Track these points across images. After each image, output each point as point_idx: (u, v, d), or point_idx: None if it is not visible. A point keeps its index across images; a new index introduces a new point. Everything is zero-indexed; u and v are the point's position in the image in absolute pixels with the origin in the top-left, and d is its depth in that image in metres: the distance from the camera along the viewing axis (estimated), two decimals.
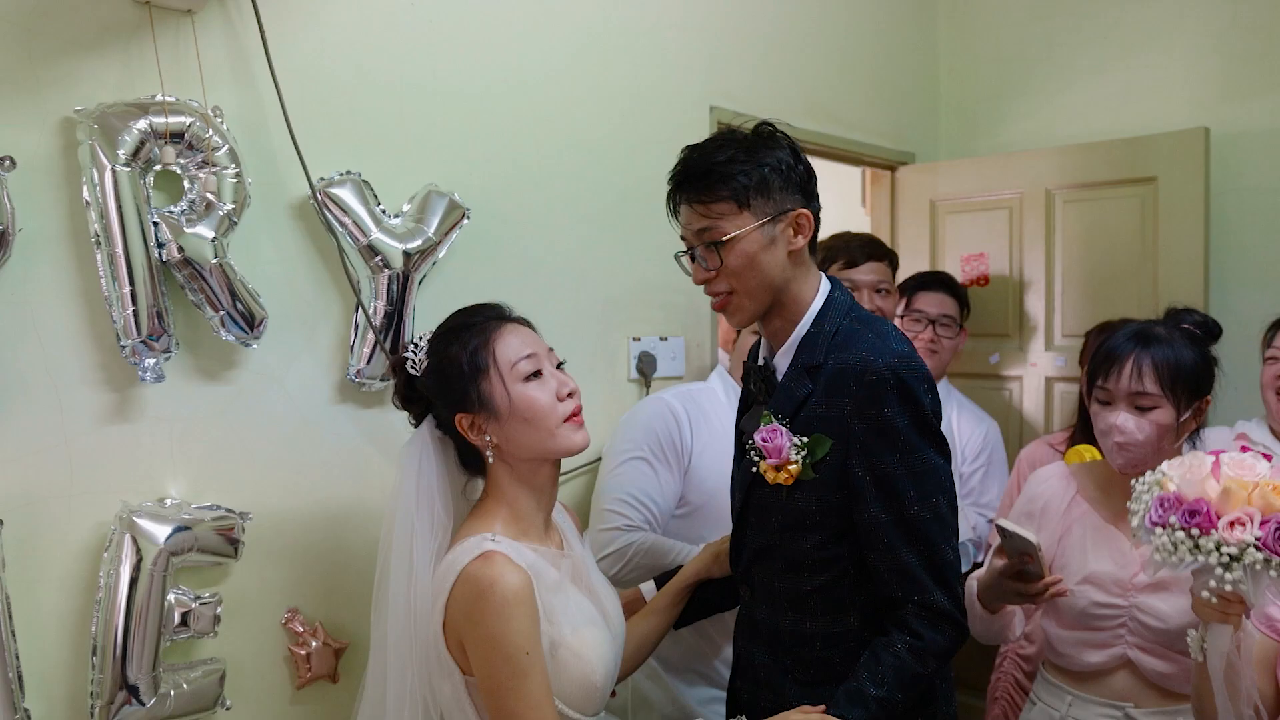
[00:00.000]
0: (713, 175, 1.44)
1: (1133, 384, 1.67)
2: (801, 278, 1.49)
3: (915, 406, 1.39)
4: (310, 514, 1.92)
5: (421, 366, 1.46)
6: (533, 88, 2.25)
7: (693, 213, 1.47)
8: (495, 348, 1.44)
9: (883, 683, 1.38)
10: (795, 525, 1.47)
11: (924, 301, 2.69)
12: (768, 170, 1.44)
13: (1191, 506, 1.33)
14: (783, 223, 1.45)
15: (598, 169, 2.36)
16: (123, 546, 1.64)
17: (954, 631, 1.42)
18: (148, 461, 1.73)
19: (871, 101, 3.16)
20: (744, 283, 1.47)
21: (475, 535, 1.39)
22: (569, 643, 1.39)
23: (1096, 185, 2.87)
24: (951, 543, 1.43)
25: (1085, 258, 2.90)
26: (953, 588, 1.42)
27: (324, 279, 1.93)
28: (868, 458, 1.40)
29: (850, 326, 1.46)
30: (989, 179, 3.08)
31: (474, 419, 1.44)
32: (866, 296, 2.35)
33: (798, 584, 1.49)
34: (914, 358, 1.42)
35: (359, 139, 1.97)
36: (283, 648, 1.90)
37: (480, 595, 1.31)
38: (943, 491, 1.41)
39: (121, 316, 1.63)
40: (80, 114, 1.62)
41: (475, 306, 1.51)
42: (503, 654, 1.31)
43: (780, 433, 1.45)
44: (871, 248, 2.43)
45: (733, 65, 2.70)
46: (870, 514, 1.41)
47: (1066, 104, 3.14)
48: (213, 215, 1.71)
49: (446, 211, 2.00)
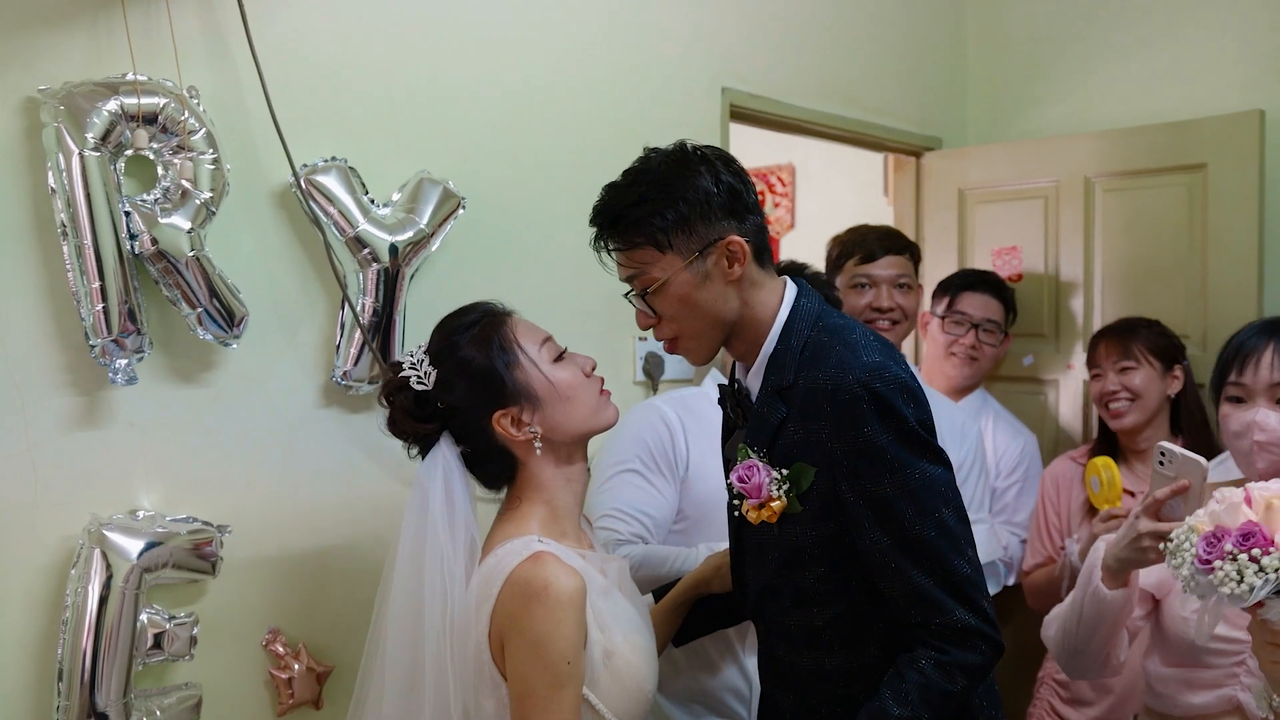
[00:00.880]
0: (624, 222, 1.44)
1: (1275, 374, 1.63)
2: (755, 299, 1.48)
3: (896, 420, 1.38)
4: (293, 527, 1.92)
5: (430, 379, 1.46)
6: (532, 68, 2.24)
7: (616, 260, 1.48)
8: (517, 336, 1.48)
9: (906, 701, 1.37)
10: (793, 561, 1.47)
11: (968, 303, 2.68)
12: (684, 205, 1.42)
13: (1243, 530, 1.31)
14: (712, 255, 1.44)
15: (602, 155, 2.31)
16: (91, 562, 1.63)
17: (986, 647, 1.40)
18: (119, 470, 1.73)
19: (895, 82, 3.15)
20: (686, 326, 1.47)
21: (516, 539, 1.42)
22: (622, 650, 1.41)
23: (1140, 173, 2.85)
24: (966, 554, 1.41)
25: (1127, 251, 2.88)
26: (975, 601, 1.40)
27: (308, 273, 1.93)
28: (857, 482, 1.39)
29: (818, 339, 1.45)
30: (1022, 166, 3.05)
31: (513, 413, 1.46)
32: (886, 293, 2.34)
33: (809, 619, 1.49)
34: (887, 367, 1.40)
35: (346, 122, 1.96)
36: (263, 671, 1.89)
37: (534, 596, 1.33)
38: (945, 503, 1.40)
39: (90, 313, 1.63)
40: (45, 94, 1.61)
41: (465, 308, 1.52)
42: (544, 660, 1.33)
43: (757, 468, 1.45)
44: (889, 240, 2.41)
45: (747, 44, 2.70)
46: (871, 540, 1.40)
47: (1106, 84, 3.11)
48: (189, 204, 1.71)
49: (440, 201, 2.00)
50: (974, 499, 2.30)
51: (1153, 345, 2.40)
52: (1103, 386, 2.41)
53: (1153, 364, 2.39)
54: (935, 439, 1.43)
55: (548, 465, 1.48)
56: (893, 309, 2.33)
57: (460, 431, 1.48)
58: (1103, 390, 2.41)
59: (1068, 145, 2.98)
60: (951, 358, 2.68)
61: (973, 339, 2.65)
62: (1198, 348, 2.67)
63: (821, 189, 4.32)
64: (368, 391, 1.97)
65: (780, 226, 4.51)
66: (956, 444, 2.29)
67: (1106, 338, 2.46)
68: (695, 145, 1.48)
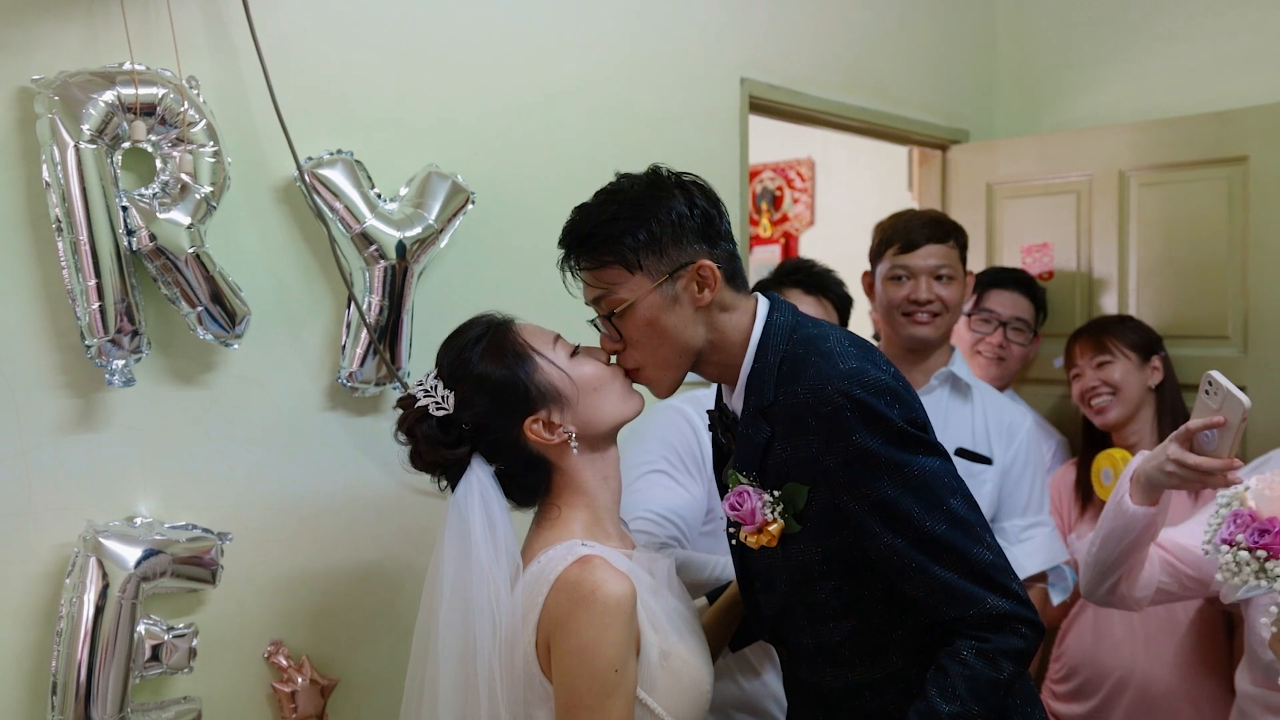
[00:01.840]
0: (594, 239, 1.46)
1: None
2: (724, 323, 1.49)
3: (883, 424, 1.39)
4: (297, 535, 1.91)
5: (450, 402, 1.47)
6: (544, 57, 2.22)
7: (583, 280, 1.50)
8: (525, 339, 1.49)
9: (954, 696, 1.37)
10: (803, 579, 1.49)
11: (996, 301, 2.67)
12: (656, 225, 1.44)
13: (1263, 525, 1.30)
14: (683, 278, 1.45)
15: (617, 148, 2.33)
16: (87, 571, 1.63)
17: (1026, 629, 1.40)
18: (115, 475, 1.72)
19: (920, 72, 3.13)
20: (653, 353, 1.48)
21: (559, 544, 1.44)
22: (678, 650, 1.44)
23: (1178, 166, 2.82)
24: (985, 540, 1.42)
25: (1164, 248, 2.85)
26: (1006, 586, 1.41)
27: (313, 271, 1.92)
28: (857, 490, 1.41)
29: (794, 352, 1.46)
30: (1054, 159, 3.03)
31: (543, 417, 1.47)
32: (925, 285, 2.28)
33: (826, 635, 1.50)
34: (866, 371, 1.41)
35: (351, 114, 1.95)
36: (265, 685, 1.88)
37: (580, 601, 1.34)
38: (950, 493, 1.41)
39: (86, 312, 1.62)
40: (39, 84, 1.60)
41: (465, 324, 1.53)
42: (591, 669, 1.34)
43: (747, 494, 1.47)
44: (932, 228, 2.34)
45: (767, 32, 2.68)
46: (885, 544, 1.41)
47: (1143, 73, 3.09)
48: (188, 199, 1.70)
49: (449, 196, 1.98)
50: (1030, 500, 2.28)
51: (1127, 338, 2.49)
52: (1083, 384, 2.50)
53: (1129, 356, 2.47)
54: (927, 434, 1.44)
55: (585, 465, 1.50)
56: (931, 301, 2.28)
57: (491, 449, 1.49)
58: (1083, 388, 2.50)
59: (1101, 137, 2.95)
60: (977, 356, 2.68)
61: (1000, 338, 2.65)
62: (1238, 349, 2.65)
63: (842, 184, 4.31)
64: (374, 393, 1.96)
65: (799, 223, 4.49)
66: (1005, 443, 2.26)
67: (1081, 336, 2.56)
68: (670, 170, 1.50)
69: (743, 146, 2.63)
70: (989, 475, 2.24)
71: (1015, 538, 2.26)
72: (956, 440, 2.25)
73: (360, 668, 1.97)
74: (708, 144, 2.54)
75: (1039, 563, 2.28)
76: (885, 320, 2.31)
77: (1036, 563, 2.27)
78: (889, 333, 2.32)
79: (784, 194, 4.49)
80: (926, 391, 2.29)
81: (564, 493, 1.50)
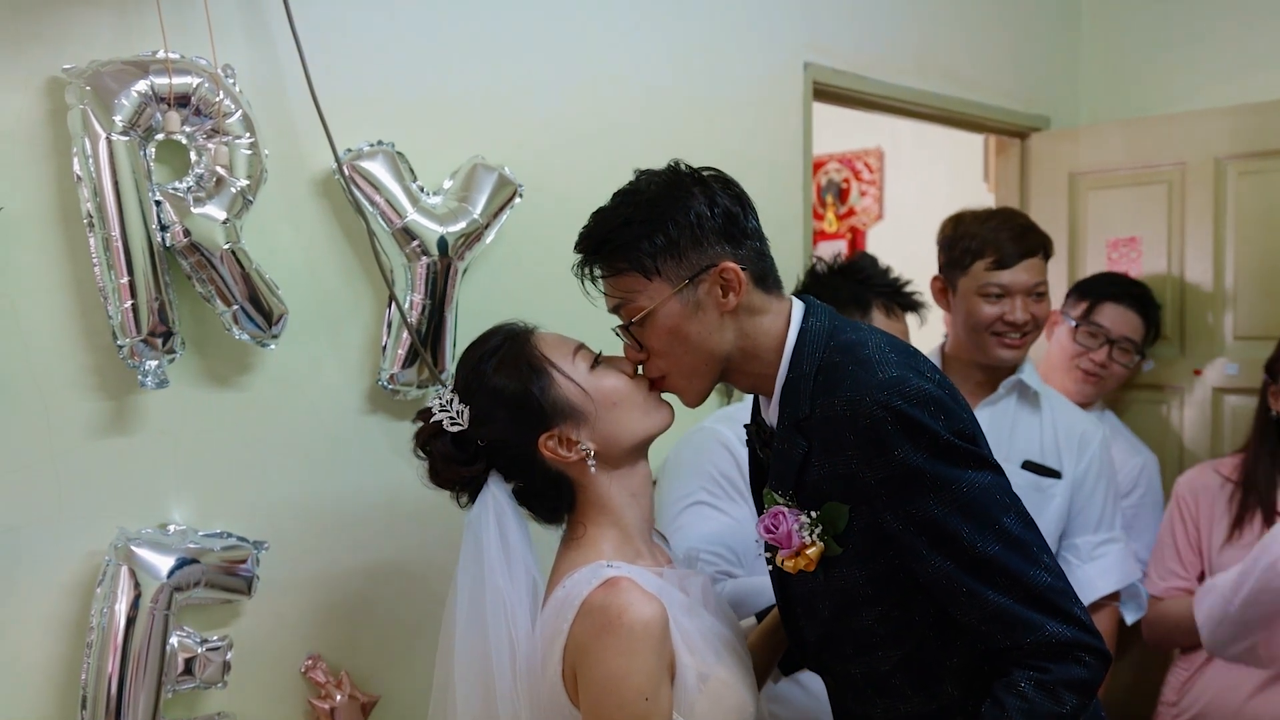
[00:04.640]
0: (609, 245, 1.45)
1: None
2: (754, 328, 1.46)
3: (927, 436, 1.35)
4: (335, 544, 1.91)
5: (465, 417, 1.46)
6: (594, 43, 2.21)
7: (603, 289, 1.50)
8: (543, 351, 1.48)
9: None
10: (847, 605, 1.46)
11: (1108, 316, 2.59)
12: (673, 228, 1.42)
13: None
14: (705, 283, 1.43)
15: (672, 137, 2.30)
16: (118, 580, 1.63)
17: (1090, 658, 1.35)
18: (148, 481, 1.73)
19: (997, 55, 3.09)
20: (677, 362, 1.46)
21: (584, 566, 1.42)
22: (718, 673, 1.42)
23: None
24: (1042, 561, 1.37)
25: (1264, 242, 2.78)
26: (1067, 610, 1.36)
27: (352, 268, 1.92)
28: (901, 509, 1.37)
29: (831, 360, 1.42)
30: (1143, 147, 2.98)
31: (558, 434, 1.46)
32: (1021, 304, 2.19)
33: (875, 665, 1.47)
34: (908, 380, 1.36)
35: (393, 104, 1.95)
36: (302, 701, 1.88)
37: (606, 627, 1.33)
38: (1003, 510, 1.37)
39: (118, 311, 1.63)
40: (70, 73, 1.61)
41: (484, 335, 1.53)
42: (620, 698, 1.33)
43: (783, 516, 1.44)
44: (1025, 241, 2.25)
45: (831, 13, 2.66)
46: (933, 566, 1.37)
47: (1241, 53, 3.02)
48: (224, 193, 1.71)
49: (495, 189, 1.98)
50: (1104, 515, 2.22)
51: None
52: None
53: None
54: (978, 446, 1.40)
55: (608, 483, 1.49)
56: (1027, 321, 2.20)
57: (508, 466, 1.50)
58: None
59: (1196, 122, 2.91)
60: (1075, 370, 2.60)
61: (1104, 355, 2.56)
62: None
63: (913, 175, 4.29)
64: (415, 396, 1.95)
65: (867, 217, 4.44)
66: (1075, 456, 2.20)
67: None
68: (690, 166, 1.48)
69: (806, 136, 2.60)
70: (1058, 490, 2.19)
71: (1087, 555, 2.21)
72: (1024, 452, 2.19)
73: (402, 684, 1.96)
74: (769, 133, 2.52)
75: (1113, 582, 2.22)
76: (969, 338, 2.24)
77: (1110, 582, 2.22)
78: (970, 349, 2.25)
79: (850, 186, 4.46)
80: (993, 401, 2.23)
81: (589, 511, 1.49)
